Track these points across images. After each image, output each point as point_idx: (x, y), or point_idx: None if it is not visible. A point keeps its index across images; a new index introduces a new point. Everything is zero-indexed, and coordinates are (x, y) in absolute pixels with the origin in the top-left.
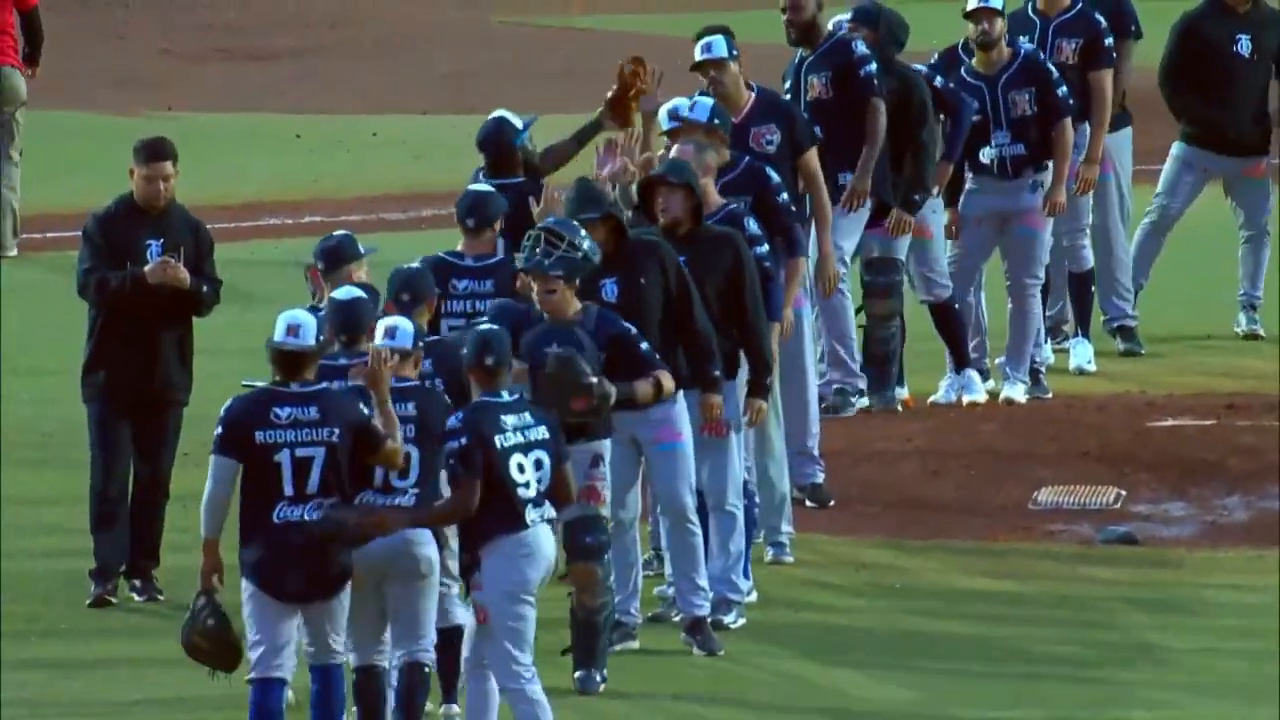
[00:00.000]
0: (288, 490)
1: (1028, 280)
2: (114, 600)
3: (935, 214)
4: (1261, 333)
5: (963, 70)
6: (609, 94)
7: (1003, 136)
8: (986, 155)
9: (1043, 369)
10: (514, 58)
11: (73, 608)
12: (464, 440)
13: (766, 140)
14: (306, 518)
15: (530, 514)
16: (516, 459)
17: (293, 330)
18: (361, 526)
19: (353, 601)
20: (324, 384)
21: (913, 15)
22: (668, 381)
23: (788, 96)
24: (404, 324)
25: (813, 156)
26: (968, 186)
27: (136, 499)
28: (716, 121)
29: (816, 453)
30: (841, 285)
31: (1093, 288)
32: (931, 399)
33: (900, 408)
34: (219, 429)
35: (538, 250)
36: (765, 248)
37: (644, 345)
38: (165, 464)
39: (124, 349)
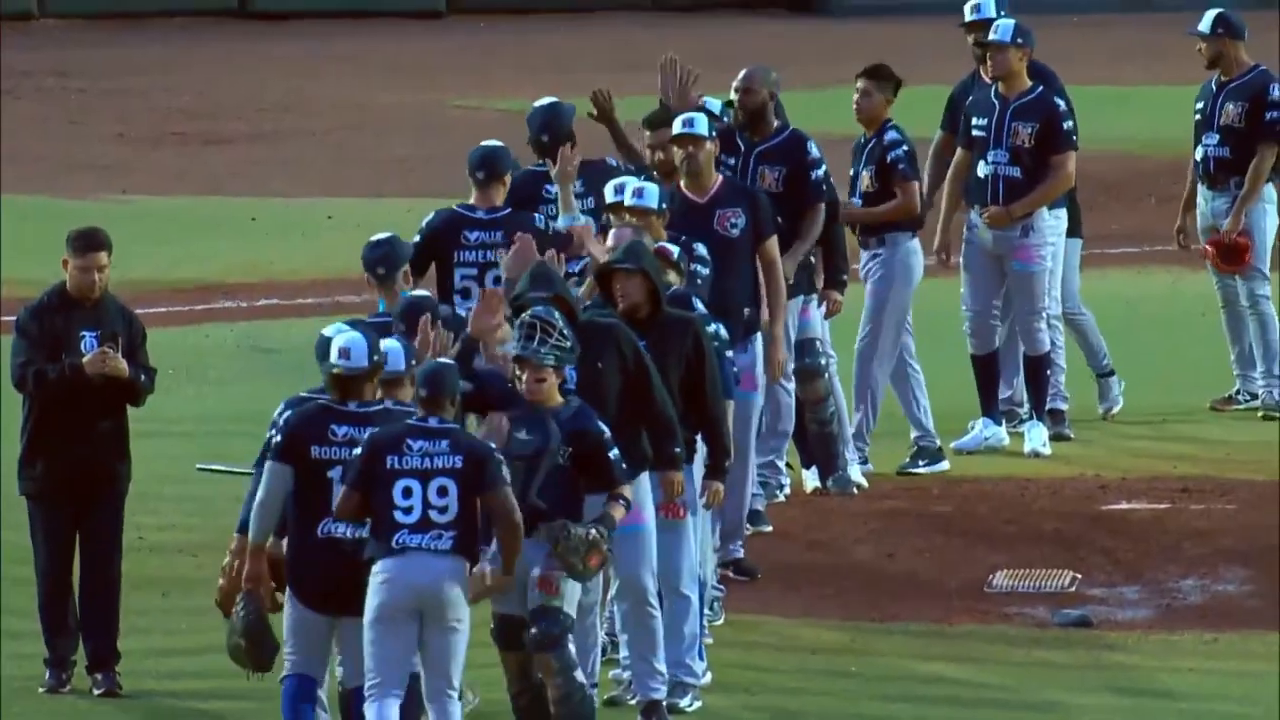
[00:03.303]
0: (335, 506)
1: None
2: (67, 690)
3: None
4: (1120, 403)
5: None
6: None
7: None
8: None
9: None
10: (470, 141)
11: (27, 691)
12: (360, 451)
13: (731, 224)
14: (350, 534)
15: (402, 538)
16: (405, 483)
17: (344, 353)
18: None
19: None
20: (383, 404)
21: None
22: (629, 493)
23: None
24: (394, 345)
25: (773, 244)
26: None
27: (87, 594)
28: (664, 206)
29: (744, 530)
30: (786, 383)
31: (1048, 371)
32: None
33: (855, 490)
34: (277, 437)
35: (533, 340)
36: (715, 326)
37: (612, 452)
38: (114, 555)
39: (61, 441)
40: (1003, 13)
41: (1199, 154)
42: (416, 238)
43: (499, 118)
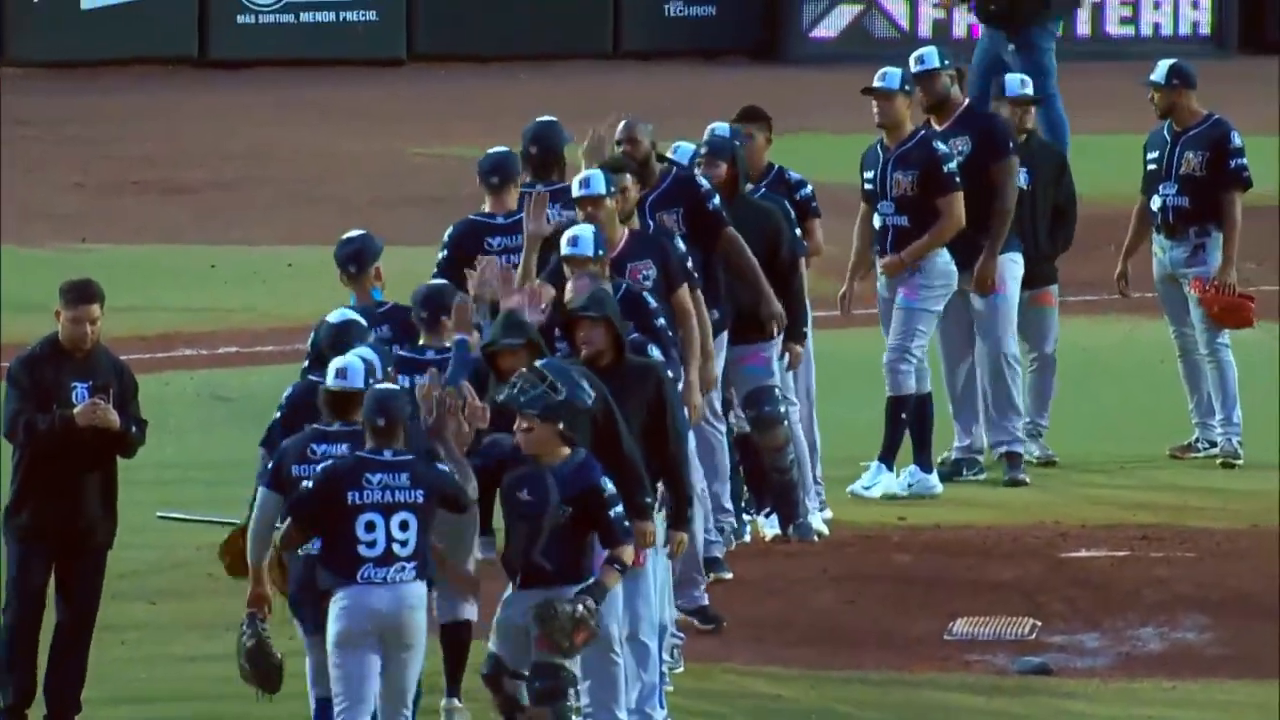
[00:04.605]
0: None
1: None
2: None
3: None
4: (1056, 458)
5: None
6: None
7: None
8: None
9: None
10: (431, 189)
11: None
12: (309, 487)
13: (644, 275)
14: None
15: (366, 571)
16: (367, 518)
17: (341, 373)
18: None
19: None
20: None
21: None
22: (628, 557)
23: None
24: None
25: (684, 293)
26: None
27: (60, 644)
28: (601, 252)
29: (700, 577)
30: (717, 423)
31: (903, 415)
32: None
33: (816, 538)
34: (270, 462)
35: (514, 388)
36: (671, 375)
37: (614, 511)
38: (89, 608)
39: (49, 491)
40: (945, 62)
41: (1156, 204)
42: (442, 252)
43: (460, 165)
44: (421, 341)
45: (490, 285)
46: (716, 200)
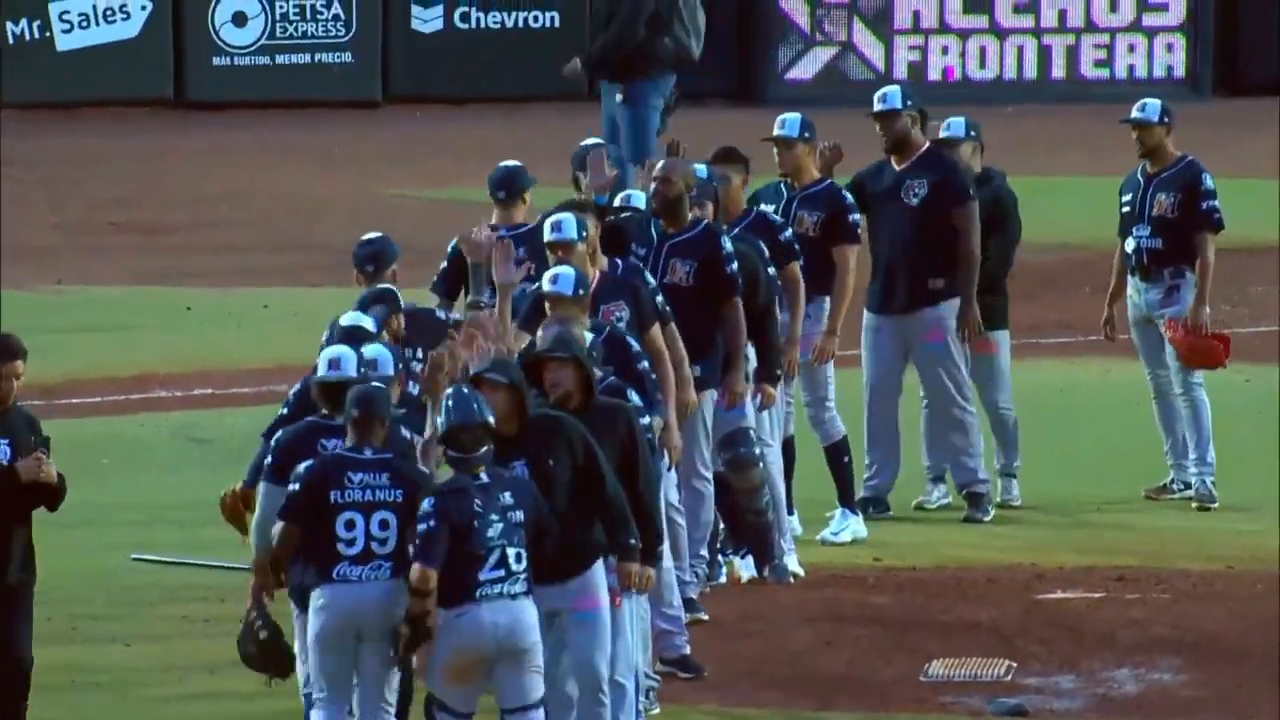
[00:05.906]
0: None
1: None
2: None
3: None
4: (1017, 501)
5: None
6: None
7: None
8: None
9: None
10: (408, 230)
11: None
12: (297, 486)
13: (617, 317)
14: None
15: (342, 569)
16: (348, 516)
17: (333, 364)
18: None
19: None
20: None
21: None
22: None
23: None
24: (382, 351)
25: (656, 334)
26: None
27: (3, 697)
28: (581, 292)
29: (681, 619)
30: (706, 473)
31: (845, 458)
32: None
33: (792, 579)
34: (269, 458)
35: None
36: (649, 419)
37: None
38: (25, 653)
39: None
40: (908, 103)
41: (1130, 245)
42: (444, 263)
43: (436, 206)
44: None
45: (484, 252)
46: (735, 266)
